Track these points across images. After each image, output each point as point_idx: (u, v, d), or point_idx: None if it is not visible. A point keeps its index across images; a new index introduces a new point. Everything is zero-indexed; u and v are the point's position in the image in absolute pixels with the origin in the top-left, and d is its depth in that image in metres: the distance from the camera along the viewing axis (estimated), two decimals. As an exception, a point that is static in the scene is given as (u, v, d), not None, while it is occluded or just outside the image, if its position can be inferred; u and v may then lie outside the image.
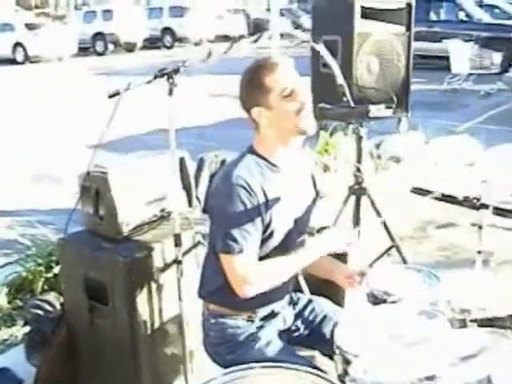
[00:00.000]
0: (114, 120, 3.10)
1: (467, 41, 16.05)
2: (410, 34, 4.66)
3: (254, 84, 2.62)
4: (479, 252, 2.81)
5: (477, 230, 2.88)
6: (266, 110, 2.60)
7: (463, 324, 2.19)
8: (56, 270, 4.56)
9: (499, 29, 18.86)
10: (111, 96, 3.07)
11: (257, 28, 35.65)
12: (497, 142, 3.44)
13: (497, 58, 16.27)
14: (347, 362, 2.09)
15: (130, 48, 30.61)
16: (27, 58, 26.92)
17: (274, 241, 2.65)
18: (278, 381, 2.07)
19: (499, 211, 2.78)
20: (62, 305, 3.88)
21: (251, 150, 2.68)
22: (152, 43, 32.23)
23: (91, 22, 30.31)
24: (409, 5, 4.68)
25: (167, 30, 32.53)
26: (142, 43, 31.47)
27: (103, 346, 3.39)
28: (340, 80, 3.15)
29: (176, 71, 2.91)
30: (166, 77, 2.94)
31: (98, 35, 30.00)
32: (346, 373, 2.10)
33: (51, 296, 4.06)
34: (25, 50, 26.94)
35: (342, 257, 2.98)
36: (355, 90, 4.14)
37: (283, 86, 2.56)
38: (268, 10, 37.69)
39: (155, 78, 2.97)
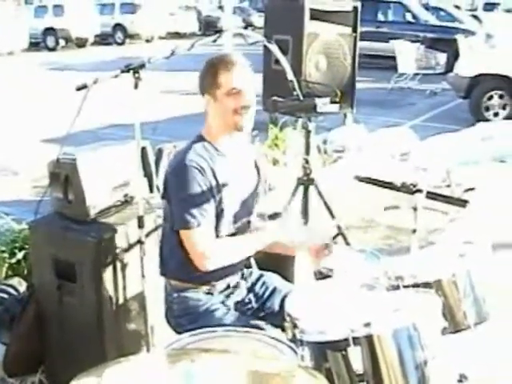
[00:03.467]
0: (67, 115, 3.26)
1: (413, 41, 16.52)
2: (356, 34, 4.98)
3: (209, 75, 2.94)
4: (414, 231, 3.12)
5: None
6: (214, 100, 2.92)
7: (397, 289, 2.50)
8: (19, 256, 4.74)
9: (444, 30, 19.44)
10: (79, 89, 3.20)
11: (208, 25, 35.79)
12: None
13: (442, 58, 16.76)
14: (295, 325, 2.30)
15: (81, 44, 30.32)
16: (-23, 53, 26.50)
17: (224, 221, 2.95)
18: (233, 342, 2.31)
19: (431, 195, 3.11)
20: (28, 287, 4.09)
21: (200, 137, 2.99)
22: (103, 39, 31.98)
23: (42, 16, 29.99)
24: (355, 8, 4.99)
25: (118, 27, 32.33)
26: (94, 39, 31.22)
27: (71, 322, 3.58)
28: (290, 76, 3.43)
29: (142, 66, 3.09)
30: (131, 71, 3.14)
31: (49, 30, 29.62)
32: (294, 336, 2.32)
33: (15, 281, 4.24)
34: (-26, 44, 26.48)
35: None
36: (304, 86, 4.41)
37: (232, 86, 2.88)
38: (219, 7, 37.91)
39: (122, 72, 3.12)
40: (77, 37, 30.08)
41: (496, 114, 11.49)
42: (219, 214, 2.92)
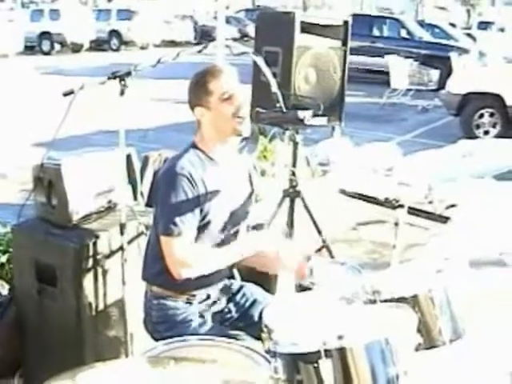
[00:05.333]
0: (58, 119, 3.26)
1: (407, 57, 16.60)
2: (346, 48, 5.00)
3: (198, 86, 2.96)
4: (394, 246, 3.13)
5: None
6: (207, 110, 2.94)
7: (374, 303, 2.51)
8: (3, 259, 4.73)
9: (438, 48, 19.59)
10: (66, 94, 3.24)
11: (204, 34, 35.87)
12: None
13: (435, 75, 16.86)
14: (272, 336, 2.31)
15: (76, 49, 30.27)
16: (-29, 54, 26.40)
17: (210, 230, 2.96)
18: (206, 351, 2.30)
19: (413, 210, 3.13)
20: (9, 290, 4.09)
21: (193, 145, 3.01)
22: (98, 45, 31.96)
23: (38, 20, 29.92)
24: (346, 22, 5.01)
25: (114, 33, 32.34)
26: (89, 45, 31.19)
27: (50, 327, 3.58)
28: (274, 88, 3.44)
29: (128, 74, 3.12)
30: (118, 78, 3.16)
31: (45, 34, 29.53)
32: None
33: (-3, 283, 4.26)
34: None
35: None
36: (293, 99, 4.43)
37: (223, 91, 2.91)
38: (215, 17, 38.03)
39: (109, 79, 3.15)
40: (72, 42, 30.02)
41: (486, 132, 11.53)
42: (206, 223, 2.93)
